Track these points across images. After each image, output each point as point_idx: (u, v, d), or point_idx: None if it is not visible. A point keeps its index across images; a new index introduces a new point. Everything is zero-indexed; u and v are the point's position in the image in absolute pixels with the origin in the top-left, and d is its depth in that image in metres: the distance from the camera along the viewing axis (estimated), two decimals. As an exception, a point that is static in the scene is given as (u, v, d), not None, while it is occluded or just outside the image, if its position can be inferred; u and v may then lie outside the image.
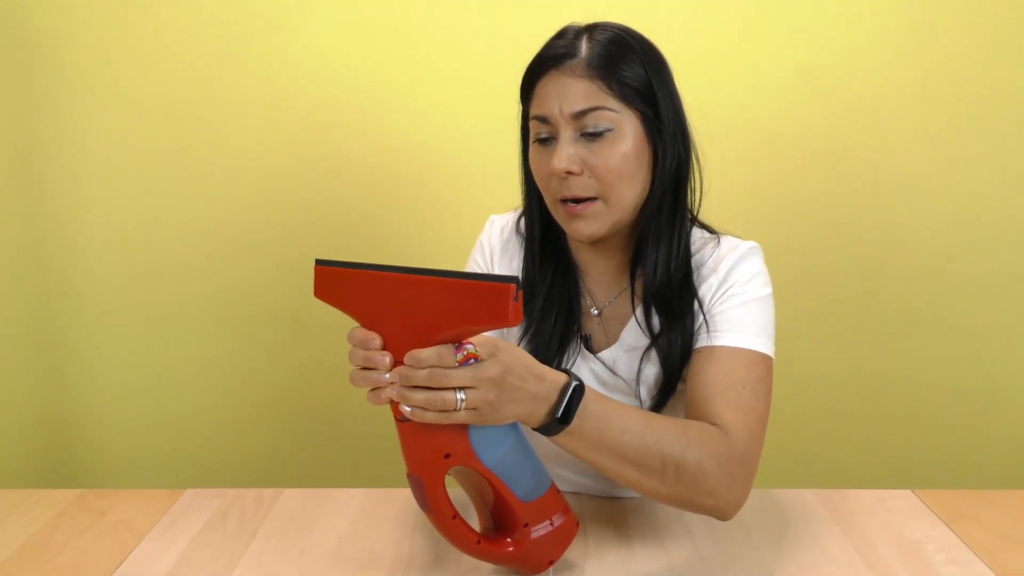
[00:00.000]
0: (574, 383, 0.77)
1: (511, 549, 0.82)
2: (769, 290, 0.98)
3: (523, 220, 1.07)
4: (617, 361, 1.02)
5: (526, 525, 0.82)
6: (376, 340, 0.73)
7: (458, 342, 0.71)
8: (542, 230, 1.03)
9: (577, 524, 0.86)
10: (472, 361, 0.71)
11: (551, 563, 0.85)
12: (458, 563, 0.90)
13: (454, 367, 0.70)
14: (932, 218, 1.66)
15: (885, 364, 1.71)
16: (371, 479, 1.75)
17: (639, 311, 0.99)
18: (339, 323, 1.67)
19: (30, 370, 1.70)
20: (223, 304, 1.72)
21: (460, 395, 0.70)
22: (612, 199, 0.93)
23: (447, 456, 0.75)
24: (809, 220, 1.66)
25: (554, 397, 0.76)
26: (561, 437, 0.78)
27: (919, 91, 1.60)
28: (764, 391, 0.92)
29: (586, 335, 1.04)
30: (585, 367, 1.03)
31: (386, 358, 0.72)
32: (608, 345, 1.03)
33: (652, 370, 0.99)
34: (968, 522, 0.99)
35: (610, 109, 0.90)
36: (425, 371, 0.70)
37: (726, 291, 0.96)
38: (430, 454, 0.75)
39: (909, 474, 1.72)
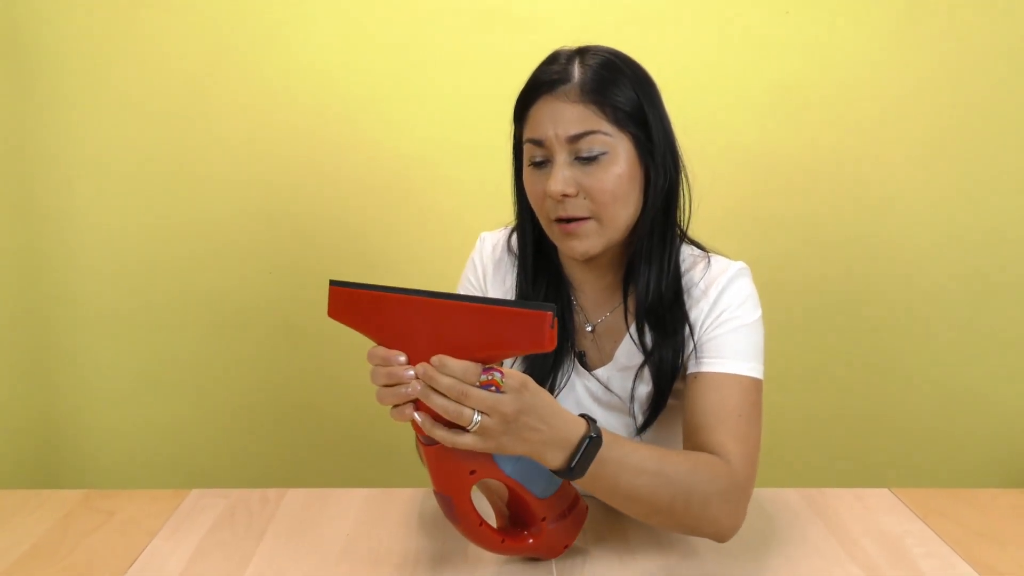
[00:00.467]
0: (590, 436, 0.79)
1: (531, 541, 0.88)
2: (759, 313, 1.01)
3: (515, 237, 1.10)
4: (611, 379, 1.05)
5: (544, 519, 0.87)
6: (401, 356, 0.76)
7: (487, 365, 0.74)
8: (535, 248, 1.05)
9: (586, 507, 0.93)
10: (493, 388, 0.73)
11: (566, 547, 0.91)
12: (464, 556, 0.93)
13: (475, 385, 0.73)
14: (908, 229, 1.73)
15: (860, 370, 1.79)
16: (363, 481, 1.77)
17: (633, 328, 1.02)
18: (330, 328, 1.71)
19: (21, 373, 1.70)
20: (215, 308, 1.74)
21: (477, 416, 0.73)
22: (606, 219, 0.95)
23: (472, 472, 0.80)
24: (787, 232, 1.72)
25: (569, 448, 0.78)
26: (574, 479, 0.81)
27: (897, 106, 1.67)
28: (757, 416, 0.96)
29: (580, 352, 1.06)
30: (580, 384, 1.06)
31: (411, 371, 0.74)
32: (602, 362, 1.06)
33: (645, 388, 1.02)
34: (943, 518, 1.05)
35: (604, 133, 0.92)
36: (449, 380, 0.72)
37: (718, 316, 0.99)
38: (457, 472, 0.79)
39: (884, 474, 1.80)
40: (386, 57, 1.64)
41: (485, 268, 1.12)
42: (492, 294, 1.11)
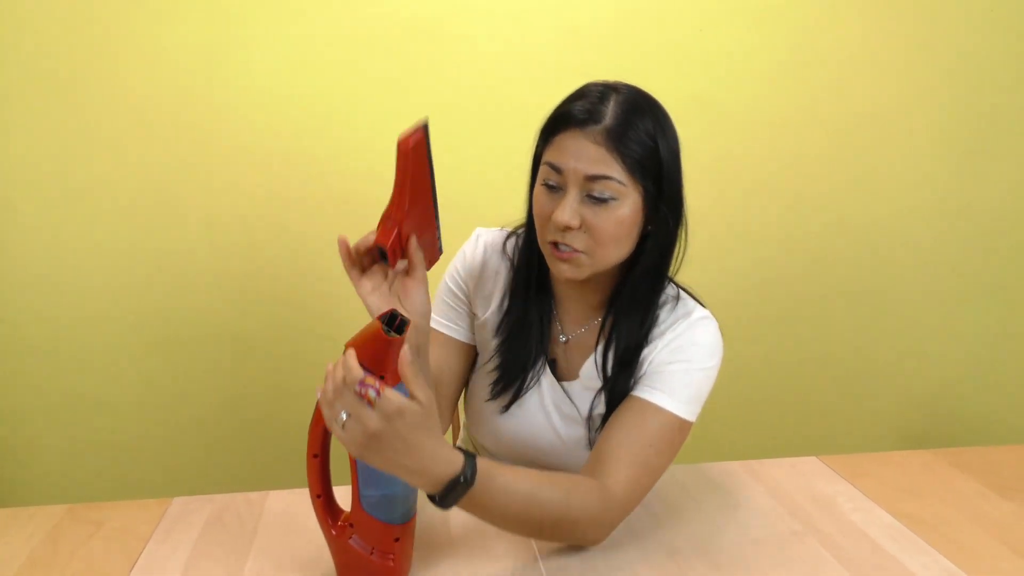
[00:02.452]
0: (460, 480, 0.81)
1: (333, 532, 0.91)
2: (713, 362, 1.04)
3: (512, 241, 1.15)
4: (574, 393, 1.11)
5: (351, 525, 0.90)
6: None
7: (380, 376, 0.78)
8: (537, 256, 1.08)
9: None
10: (375, 390, 0.75)
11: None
12: (465, 538, 1.01)
13: (351, 389, 0.76)
14: (814, 228, 1.91)
15: (783, 356, 1.97)
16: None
17: (599, 350, 1.08)
18: (279, 343, 1.75)
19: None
20: (162, 328, 1.75)
21: (343, 415, 0.76)
22: (598, 256, 0.99)
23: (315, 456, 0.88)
24: (706, 233, 1.87)
25: (437, 484, 0.81)
26: None
27: (797, 113, 1.84)
28: (669, 452, 1.01)
29: (552, 359, 1.13)
30: (547, 388, 1.12)
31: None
32: (570, 375, 1.12)
33: (601, 409, 1.09)
34: (866, 478, 1.19)
35: (618, 181, 0.95)
36: (338, 374, 0.77)
37: (671, 353, 1.03)
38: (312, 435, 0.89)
39: (813, 443, 2.00)
40: (327, 77, 1.69)
41: (474, 263, 1.16)
42: (473, 290, 1.16)
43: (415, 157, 0.88)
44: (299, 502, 1.12)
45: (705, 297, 1.10)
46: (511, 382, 1.12)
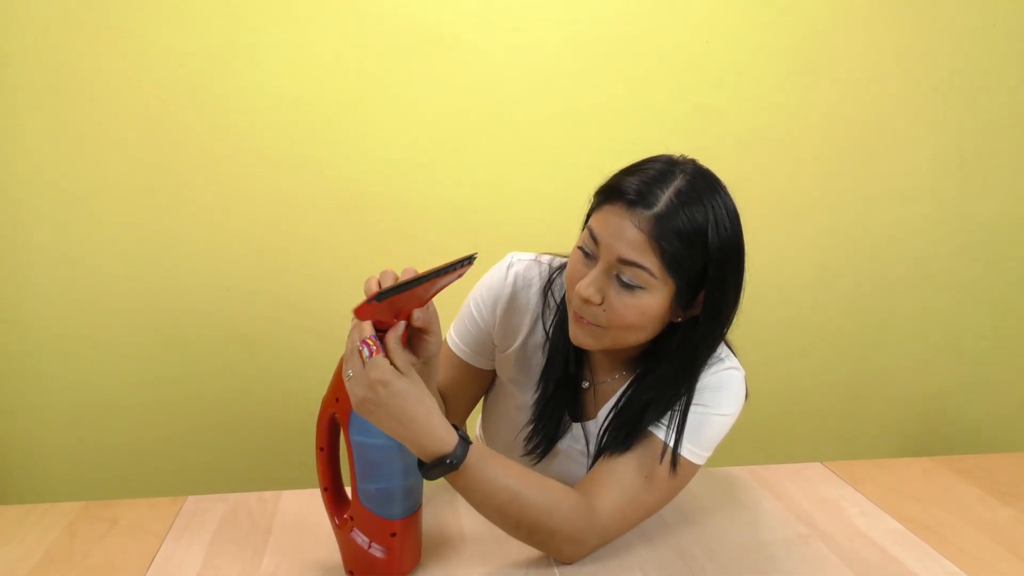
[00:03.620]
0: (448, 460, 0.84)
1: (337, 522, 0.94)
2: (731, 410, 1.01)
3: (540, 274, 1.11)
4: (589, 434, 1.10)
5: (351, 518, 0.93)
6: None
7: (383, 330, 0.84)
8: None
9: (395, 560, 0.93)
10: (368, 349, 0.82)
11: (350, 573, 0.95)
12: (476, 535, 1.03)
13: (355, 343, 0.82)
14: (819, 238, 1.94)
15: (788, 361, 2.00)
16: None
17: (605, 414, 1.05)
18: (289, 344, 1.75)
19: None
20: (170, 328, 1.76)
21: (350, 371, 0.83)
22: (614, 336, 0.96)
23: (336, 400, 0.89)
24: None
25: (424, 455, 0.85)
26: None
27: (804, 125, 1.87)
28: (664, 490, 0.98)
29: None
30: (570, 429, 1.11)
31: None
32: (589, 414, 1.10)
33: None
34: (869, 483, 1.21)
35: (650, 272, 0.90)
36: (354, 334, 0.83)
37: (692, 398, 1.00)
38: (331, 390, 0.90)
39: (815, 450, 2.02)
40: (329, 76, 1.71)
41: (501, 295, 1.11)
42: (498, 321, 1.12)
43: (378, 313, 0.85)
44: (312, 502, 1.13)
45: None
46: (545, 437, 1.11)
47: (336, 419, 0.92)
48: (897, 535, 1.07)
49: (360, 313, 0.83)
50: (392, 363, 0.83)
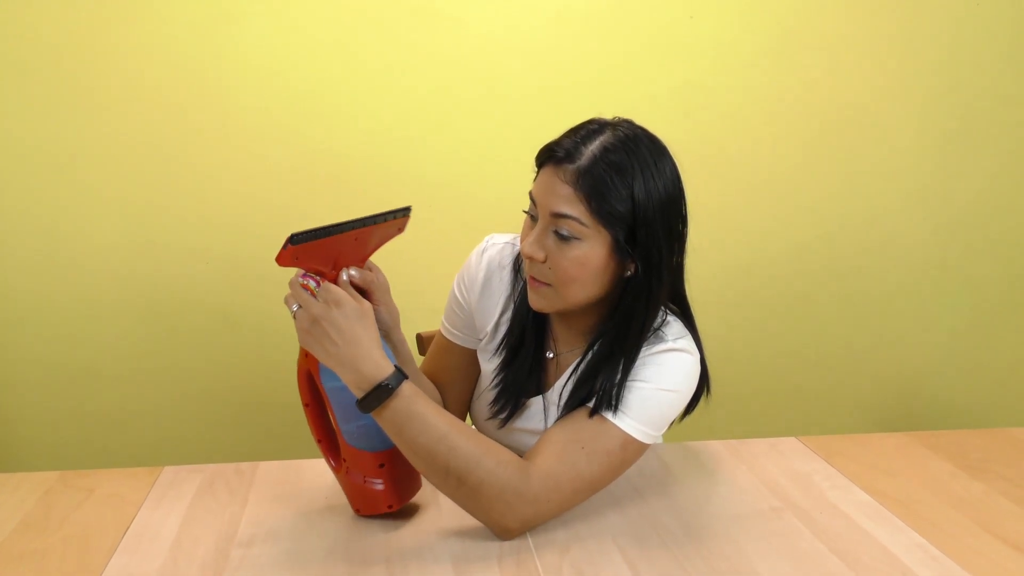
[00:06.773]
0: (384, 385, 0.88)
1: (335, 466, 1.01)
2: (674, 385, 1.00)
3: (515, 254, 1.15)
4: (548, 407, 1.12)
5: (344, 461, 0.99)
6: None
7: (317, 276, 0.91)
8: None
9: (390, 507, 0.98)
10: (316, 282, 0.90)
11: (357, 511, 1.00)
12: (438, 505, 1.04)
13: (297, 284, 0.91)
14: (796, 219, 1.95)
15: (767, 339, 2.01)
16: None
17: (562, 385, 1.09)
18: (268, 316, 1.75)
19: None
20: (150, 300, 1.75)
21: (295, 306, 0.91)
22: (562, 293, 0.99)
23: (307, 355, 0.96)
24: (692, 225, 1.89)
25: (363, 384, 0.89)
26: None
27: (785, 104, 1.87)
28: (604, 464, 0.97)
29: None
30: (538, 399, 1.13)
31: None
32: (549, 386, 1.13)
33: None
34: (841, 458, 1.22)
35: (581, 223, 0.94)
36: (292, 279, 0.92)
37: (636, 372, 1.00)
38: (302, 348, 0.96)
39: (793, 425, 2.05)
40: (326, 56, 1.70)
41: (477, 274, 1.16)
42: (475, 303, 1.16)
43: (301, 259, 0.90)
44: (289, 473, 1.14)
45: (686, 284, 1.09)
46: (508, 403, 1.13)
47: (311, 373, 0.96)
48: (868, 508, 1.08)
49: (280, 259, 0.87)
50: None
